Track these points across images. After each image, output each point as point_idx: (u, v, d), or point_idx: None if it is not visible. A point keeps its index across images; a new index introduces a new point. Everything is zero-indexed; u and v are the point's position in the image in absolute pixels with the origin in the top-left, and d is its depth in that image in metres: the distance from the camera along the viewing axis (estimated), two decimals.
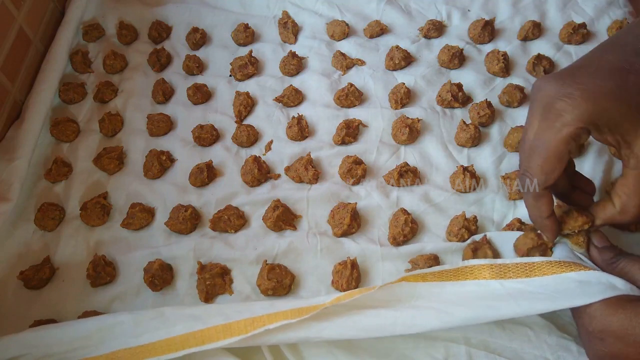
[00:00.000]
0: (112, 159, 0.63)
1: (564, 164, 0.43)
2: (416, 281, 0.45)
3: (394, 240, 0.55)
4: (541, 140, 0.43)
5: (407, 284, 0.45)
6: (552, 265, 0.45)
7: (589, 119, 0.41)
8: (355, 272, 0.52)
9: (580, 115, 0.41)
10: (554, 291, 0.43)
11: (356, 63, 0.72)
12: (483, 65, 0.71)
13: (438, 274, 0.46)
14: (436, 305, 0.44)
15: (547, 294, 0.43)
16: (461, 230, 0.54)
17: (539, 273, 0.45)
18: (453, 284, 0.45)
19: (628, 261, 0.44)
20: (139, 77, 0.73)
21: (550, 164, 0.43)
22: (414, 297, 0.45)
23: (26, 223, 0.59)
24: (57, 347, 0.45)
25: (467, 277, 0.46)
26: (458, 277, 0.46)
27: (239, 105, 0.67)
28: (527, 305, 0.43)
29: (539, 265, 0.45)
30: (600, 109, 0.41)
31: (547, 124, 0.43)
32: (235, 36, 0.76)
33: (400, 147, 0.63)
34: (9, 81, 0.67)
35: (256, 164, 0.60)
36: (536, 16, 0.75)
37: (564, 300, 0.43)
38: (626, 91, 0.41)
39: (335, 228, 0.56)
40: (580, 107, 0.41)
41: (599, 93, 0.41)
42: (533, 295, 0.44)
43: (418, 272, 0.46)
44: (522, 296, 0.44)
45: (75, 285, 0.54)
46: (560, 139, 0.42)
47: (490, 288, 0.45)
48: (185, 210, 0.57)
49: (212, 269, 0.53)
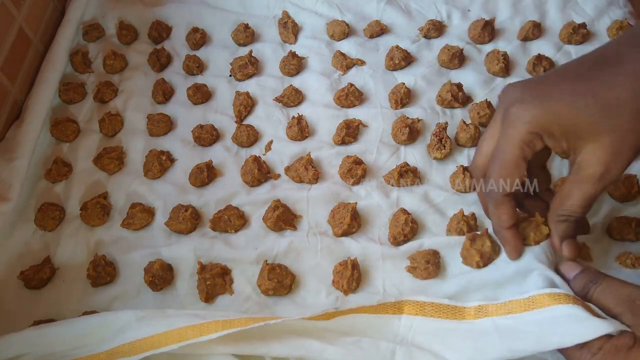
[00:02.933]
0: (112, 159, 0.63)
1: (522, 170, 0.44)
2: (415, 314, 0.46)
3: (394, 240, 0.55)
4: (498, 146, 0.44)
5: (406, 317, 0.46)
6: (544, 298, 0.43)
7: (539, 124, 0.42)
8: (356, 272, 0.52)
9: (531, 120, 0.42)
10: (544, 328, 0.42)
11: (356, 63, 0.72)
12: (483, 65, 0.71)
13: (437, 307, 0.46)
14: (433, 347, 0.44)
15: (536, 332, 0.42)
16: (460, 224, 0.54)
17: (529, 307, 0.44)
18: (450, 322, 0.46)
19: (602, 288, 0.42)
20: (139, 77, 0.73)
21: (507, 170, 0.44)
22: (411, 330, 0.45)
23: (26, 223, 0.59)
24: (58, 345, 0.45)
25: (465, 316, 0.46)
26: (455, 315, 0.46)
27: (239, 105, 0.67)
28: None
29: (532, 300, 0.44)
30: (551, 115, 0.41)
31: (503, 130, 0.44)
32: (235, 36, 0.76)
33: (400, 147, 0.63)
34: (9, 81, 0.67)
35: (256, 164, 0.60)
36: (536, 16, 0.75)
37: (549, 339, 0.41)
38: (582, 98, 0.41)
39: (335, 228, 0.56)
40: (531, 112, 0.42)
41: (552, 99, 0.42)
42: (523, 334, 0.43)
43: (418, 300, 0.46)
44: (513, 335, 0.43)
45: (76, 285, 0.54)
46: (513, 146, 0.43)
47: (484, 328, 0.44)
48: (185, 210, 0.57)
49: (212, 269, 0.53)
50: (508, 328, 0.44)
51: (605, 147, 0.41)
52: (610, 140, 0.41)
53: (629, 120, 0.40)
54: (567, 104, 0.41)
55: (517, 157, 0.43)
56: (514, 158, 0.43)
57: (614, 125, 0.40)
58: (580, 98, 0.41)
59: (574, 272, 0.45)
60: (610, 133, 0.40)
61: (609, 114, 0.40)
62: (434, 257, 0.52)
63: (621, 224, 0.54)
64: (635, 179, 0.57)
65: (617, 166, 0.41)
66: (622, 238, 0.54)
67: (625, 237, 0.53)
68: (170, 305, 0.52)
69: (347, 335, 0.45)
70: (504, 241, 0.47)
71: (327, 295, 0.52)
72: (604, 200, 0.58)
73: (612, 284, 0.42)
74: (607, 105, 0.40)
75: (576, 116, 0.41)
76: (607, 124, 0.40)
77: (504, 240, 0.47)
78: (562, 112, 0.41)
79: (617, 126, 0.40)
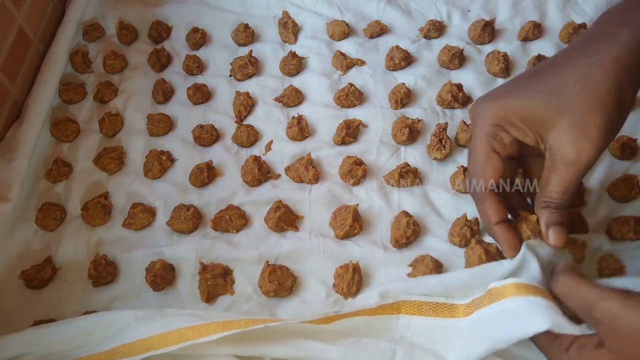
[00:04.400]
0: (112, 159, 0.63)
1: (494, 163, 0.46)
2: (413, 314, 0.46)
3: (396, 242, 0.55)
4: (470, 146, 0.48)
5: (404, 317, 0.46)
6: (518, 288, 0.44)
7: (498, 116, 0.45)
8: (356, 276, 0.52)
9: (490, 114, 0.45)
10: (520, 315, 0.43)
11: (356, 63, 0.72)
12: (483, 65, 0.71)
13: (434, 306, 0.46)
14: (432, 346, 0.45)
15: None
16: (463, 229, 0.54)
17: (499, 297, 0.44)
18: (447, 320, 0.46)
19: (559, 286, 0.43)
20: (139, 77, 0.73)
21: (480, 164, 0.46)
22: (410, 329, 0.46)
23: (27, 223, 0.59)
24: (59, 345, 0.45)
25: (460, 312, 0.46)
26: (452, 313, 0.46)
27: (239, 105, 0.67)
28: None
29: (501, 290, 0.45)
30: (507, 106, 0.44)
31: (473, 126, 0.47)
32: (235, 36, 0.76)
33: (400, 147, 0.63)
34: (9, 81, 0.66)
35: (256, 164, 0.60)
36: (536, 16, 0.75)
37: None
38: (533, 88, 0.44)
39: (337, 230, 0.56)
40: (490, 107, 0.45)
41: (508, 93, 0.45)
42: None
43: (415, 299, 0.46)
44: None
45: (77, 285, 0.54)
46: (480, 140, 0.46)
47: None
48: (187, 210, 0.57)
49: (213, 269, 0.53)
50: (490, 318, 0.44)
51: (566, 128, 0.42)
52: (569, 121, 0.42)
53: (578, 101, 0.42)
54: (520, 95, 0.44)
55: (486, 150, 0.46)
56: (483, 152, 0.46)
57: (567, 107, 0.42)
58: (532, 88, 0.44)
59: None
60: (565, 114, 0.42)
61: (557, 97, 0.42)
62: (436, 265, 0.51)
63: (620, 223, 0.54)
64: (635, 179, 0.57)
65: (586, 147, 0.42)
66: (622, 237, 0.54)
67: (624, 235, 0.54)
68: (171, 305, 0.52)
69: (347, 336, 0.45)
70: (496, 238, 0.48)
71: (327, 298, 0.52)
72: (604, 200, 0.58)
73: (567, 283, 0.42)
74: (554, 89, 0.43)
75: (529, 104, 0.43)
76: (560, 107, 0.42)
77: (496, 237, 0.48)
78: (516, 102, 0.44)
79: (569, 107, 0.42)
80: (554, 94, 0.43)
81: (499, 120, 0.45)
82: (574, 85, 0.42)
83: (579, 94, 0.42)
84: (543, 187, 0.45)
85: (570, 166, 0.43)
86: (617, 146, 0.60)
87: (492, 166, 0.46)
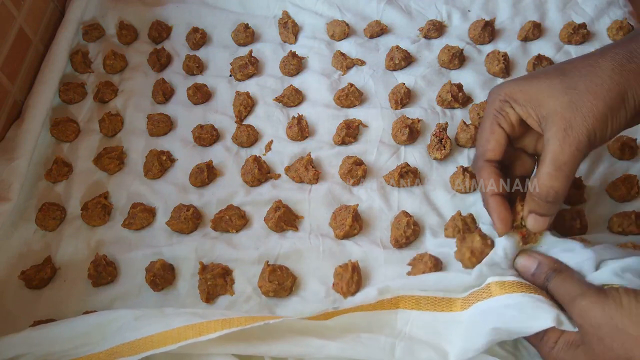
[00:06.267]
0: (112, 159, 0.63)
1: (497, 137, 0.47)
2: (411, 308, 0.46)
3: (396, 242, 0.55)
4: (482, 119, 0.51)
5: (402, 311, 0.46)
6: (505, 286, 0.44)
7: (506, 93, 0.47)
8: (356, 275, 0.52)
9: (500, 91, 0.47)
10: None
11: (356, 63, 0.72)
12: (483, 65, 0.71)
13: (432, 301, 0.47)
14: (431, 339, 0.45)
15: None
16: (455, 221, 0.54)
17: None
18: (445, 314, 0.46)
19: (553, 286, 0.44)
20: (139, 77, 0.73)
21: (484, 136, 0.48)
22: (408, 323, 0.46)
23: (27, 223, 0.59)
24: (59, 345, 0.45)
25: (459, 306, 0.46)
26: (450, 308, 0.46)
27: (239, 105, 0.67)
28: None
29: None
30: (518, 86, 0.46)
31: (486, 105, 0.49)
32: (235, 36, 0.76)
33: (400, 147, 0.63)
34: (9, 81, 0.67)
35: (256, 163, 0.60)
36: (536, 16, 0.75)
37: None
38: (545, 72, 0.46)
39: (337, 230, 0.56)
40: (502, 86, 0.47)
41: (525, 77, 0.48)
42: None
43: (414, 294, 0.47)
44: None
45: (77, 285, 0.54)
46: (488, 113, 0.48)
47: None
48: (187, 210, 0.57)
49: (213, 269, 0.53)
50: (490, 312, 0.44)
51: (564, 103, 0.43)
52: (569, 99, 0.43)
53: (583, 82, 0.43)
54: (532, 77, 0.47)
55: (491, 124, 0.47)
56: (489, 125, 0.48)
57: (569, 85, 0.43)
58: (544, 73, 0.46)
59: (532, 268, 0.46)
60: (567, 93, 0.43)
61: (562, 78, 0.44)
62: (435, 264, 0.51)
63: (621, 218, 0.54)
64: (635, 179, 0.57)
65: (577, 121, 0.42)
66: (624, 231, 0.54)
67: (627, 229, 0.54)
68: (171, 305, 0.52)
69: (346, 332, 0.45)
70: (490, 210, 0.48)
71: (326, 297, 0.52)
72: (604, 200, 0.58)
73: (559, 281, 0.43)
74: (565, 71, 0.44)
75: (537, 84, 0.45)
76: (563, 87, 0.43)
77: (489, 209, 0.48)
78: (526, 82, 0.46)
79: (572, 86, 0.43)
80: (561, 74, 0.44)
81: (506, 97, 0.46)
82: (582, 68, 0.44)
83: (584, 76, 0.43)
84: (537, 170, 0.45)
85: (562, 140, 0.42)
86: (617, 146, 0.60)
87: (495, 139, 0.47)
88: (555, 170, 0.43)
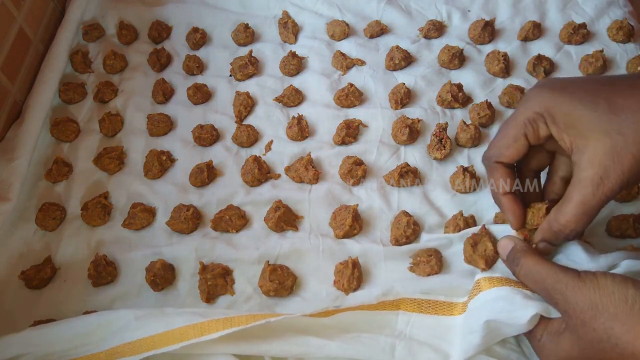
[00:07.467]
0: (112, 159, 0.63)
1: (519, 147, 0.45)
2: (412, 311, 0.47)
3: (396, 242, 0.55)
4: (506, 120, 0.47)
5: (403, 313, 0.47)
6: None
7: (545, 106, 0.43)
8: (356, 271, 0.52)
9: (539, 101, 0.44)
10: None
11: (356, 63, 0.72)
12: (483, 65, 0.71)
13: (434, 304, 0.47)
14: (432, 341, 0.46)
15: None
16: (457, 219, 0.54)
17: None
18: (447, 318, 0.47)
19: (522, 271, 0.44)
20: (139, 77, 0.73)
21: (504, 140, 0.46)
22: (409, 325, 0.46)
23: (27, 223, 0.59)
24: (59, 345, 0.45)
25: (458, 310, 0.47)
26: (452, 311, 0.47)
27: (239, 105, 0.67)
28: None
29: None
30: (559, 102, 0.43)
31: (518, 104, 0.47)
32: (235, 36, 0.76)
33: (400, 147, 0.63)
34: (9, 81, 0.67)
35: (256, 163, 0.60)
36: (536, 16, 0.75)
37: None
38: (593, 97, 0.42)
39: (337, 230, 0.56)
40: (542, 95, 0.44)
41: (566, 91, 0.43)
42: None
43: (415, 298, 0.47)
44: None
45: (77, 285, 0.54)
46: (517, 120, 0.45)
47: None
48: (187, 210, 0.57)
49: (213, 269, 0.53)
50: (481, 306, 0.45)
51: (607, 148, 0.40)
52: (611, 144, 0.40)
53: (633, 128, 0.40)
54: (578, 98, 0.42)
55: (518, 132, 0.45)
56: (514, 133, 0.45)
57: (617, 129, 0.40)
58: (592, 97, 0.42)
59: (507, 251, 0.46)
60: (611, 137, 0.40)
61: (611, 118, 0.41)
62: (436, 254, 0.52)
63: (619, 221, 0.54)
64: None
65: (615, 172, 0.40)
66: (622, 234, 0.54)
67: (624, 233, 0.54)
68: (171, 305, 0.52)
69: (346, 332, 0.45)
70: (503, 208, 0.48)
71: (327, 296, 0.52)
72: None
73: (528, 266, 0.43)
74: (615, 107, 0.41)
75: (583, 110, 0.42)
76: (610, 129, 0.40)
77: (502, 208, 0.48)
78: (570, 103, 0.42)
79: (620, 130, 0.40)
80: (612, 113, 0.41)
81: (544, 111, 0.43)
82: (634, 104, 0.41)
83: (635, 122, 0.40)
84: (561, 205, 0.44)
85: (597, 187, 0.41)
86: None
87: (516, 147, 0.45)
88: (582, 214, 0.42)
